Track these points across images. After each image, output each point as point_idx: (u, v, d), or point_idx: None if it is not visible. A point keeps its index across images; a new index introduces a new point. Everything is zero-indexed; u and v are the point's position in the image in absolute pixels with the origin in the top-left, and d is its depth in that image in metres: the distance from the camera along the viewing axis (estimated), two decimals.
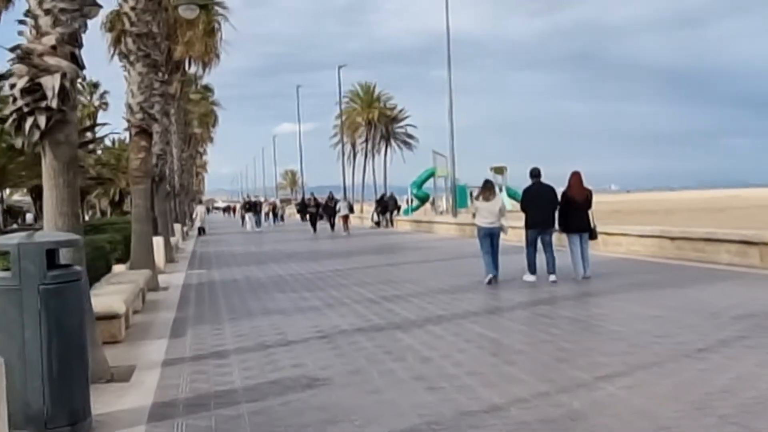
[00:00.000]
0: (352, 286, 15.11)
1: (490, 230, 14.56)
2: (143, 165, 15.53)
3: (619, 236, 20.60)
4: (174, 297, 14.46)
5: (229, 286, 16.13)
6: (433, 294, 13.38)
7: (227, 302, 13.41)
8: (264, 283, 16.31)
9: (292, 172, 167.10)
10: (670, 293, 12.21)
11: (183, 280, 17.57)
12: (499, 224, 14.65)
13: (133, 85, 15.40)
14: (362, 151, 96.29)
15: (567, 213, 14.69)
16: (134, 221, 15.79)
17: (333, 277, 17.04)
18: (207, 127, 65.82)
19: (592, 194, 15.20)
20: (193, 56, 35.20)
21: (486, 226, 14.61)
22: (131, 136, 15.54)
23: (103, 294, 10.27)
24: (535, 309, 11.22)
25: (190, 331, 10.43)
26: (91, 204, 64.17)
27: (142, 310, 12.62)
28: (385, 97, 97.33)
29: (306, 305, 12.60)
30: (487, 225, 14.60)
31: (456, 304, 12.02)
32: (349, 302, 12.75)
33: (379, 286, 14.92)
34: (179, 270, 20.59)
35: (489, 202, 14.73)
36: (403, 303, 12.37)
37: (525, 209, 14.77)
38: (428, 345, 8.78)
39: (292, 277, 17.45)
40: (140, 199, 15.64)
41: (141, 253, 15.59)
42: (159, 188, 23.53)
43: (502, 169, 74.69)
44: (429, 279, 15.81)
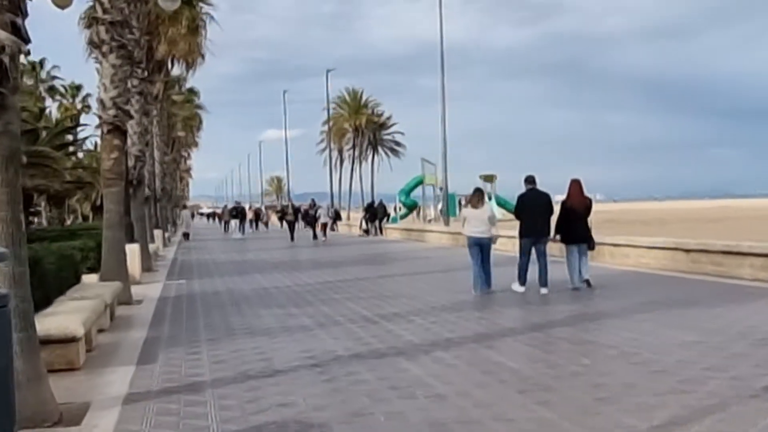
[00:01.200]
0: (344, 301, 13.78)
1: (480, 240, 13.89)
2: (116, 166, 14.16)
3: (627, 248, 19.37)
4: (148, 312, 13.08)
5: (210, 299, 14.76)
6: (436, 312, 12.07)
7: (206, 319, 12.05)
8: (247, 296, 14.95)
9: (278, 178, 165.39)
10: (702, 313, 10.92)
11: (160, 292, 16.19)
12: (489, 233, 13.98)
13: (106, 79, 14.03)
14: (349, 157, 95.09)
15: (566, 223, 14.09)
16: (105, 227, 14.41)
17: (322, 290, 15.69)
18: (191, 130, 64.28)
19: (592, 203, 14.60)
20: (177, 56, 33.78)
21: (475, 235, 13.93)
22: (103, 135, 14.16)
23: (60, 312, 8.91)
24: (554, 331, 9.92)
25: (161, 356, 9.07)
26: (72, 209, 62.59)
27: (109, 328, 11.24)
28: (372, 104, 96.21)
29: (294, 324, 11.26)
30: (477, 234, 13.92)
31: (463, 325, 10.71)
32: (342, 321, 11.41)
33: (374, 301, 13.60)
34: (157, 280, 19.19)
35: (478, 210, 14.07)
36: (403, 323, 11.05)
37: (519, 217, 14.19)
38: (440, 377, 7.46)
39: (278, 289, 16.10)
40: (113, 203, 14.26)
41: (112, 262, 14.22)
42: (137, 192, 22.14)
43: (491, 177, 73.56)
44: (428, 294, 14.50)
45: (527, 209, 14.10)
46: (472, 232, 13.99)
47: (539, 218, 13.97)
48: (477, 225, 14.01)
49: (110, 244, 14.26)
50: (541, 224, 13.99)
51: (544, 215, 14.02)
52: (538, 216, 13.96)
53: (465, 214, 14.42)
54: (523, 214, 14.18)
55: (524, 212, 14.15)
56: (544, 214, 14.03)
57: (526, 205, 14.14)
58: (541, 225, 13.99)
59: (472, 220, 14.06)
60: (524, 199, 14.22)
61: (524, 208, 14.16)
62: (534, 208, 13.98)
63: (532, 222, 14.00)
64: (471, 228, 14.03)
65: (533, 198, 14.08)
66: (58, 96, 65.17)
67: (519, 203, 14.40)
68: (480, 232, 13.95)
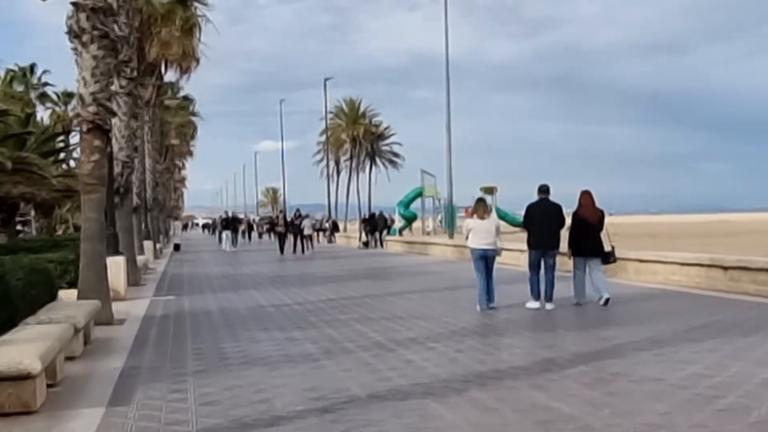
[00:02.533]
0: (351, 322, 12.24)
1: (485, 252, 13.20)
2: (96, 169, 12.62)
3: (655, 263, 17.86)
4: (129, 335, 11.52)
5: (200, 319, 13.21)
6: (458, 337, 10.55)
7: (195, 344, 10.50)
8: (242, 316, 13.41)
9: (274, 189, 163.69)
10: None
11: (145, 310, 14.63)
12: (495, 246, 13.32)
13: (86, 72, 12.50)
14: (346, 168, 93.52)
15: (577, 235, 13.49)
16: (84, 239, 12.86)
17: (326, 309, 14.15)
18: (185, 138, 62.67)
19: (605, 215, 13.84)
20: (170, 59, 32.28)
21: (481, 247, 13.22)
22: (82, 134, 12.63)
23: (17, 341, 7.37)
24: (603, 364, 8.40)
25: (138, 393, 7.52)
26: (63, 218, 60.96)
27: (81, 355, 9.68)
28: (370, 114, 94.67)
29: (297, 351, 9.71)
30: (483, 246, 13.21)
31: (494, 354, 9.20)
32: (352, 348, 9.87)
33: (385, 323, 12.07)
34: (144, 295, 17.63)
35: (484, 220, 13.31)
36: (423, 350, 9.53)
37: (528, 228, 13.61)
38: (483, 428, 5.94)
39: (277, 308, 14.55)
40: (92, 211, 12.71)
41: (91, 278, 12.68)
42: (124, 201, 20.59)
43: (492, 189, 72.07)
44: (445, 314, 12.98)
45: (536, 220, 13.42)
46: (478, 244, 13.22)
47: (548, 230, 13.28)
48: (484, 237, 13.25)
49: (89, 258, 12.71)
50: (549, 236, 13.30)
51: (554, 227, 13.33)
52: (547, 227, 13.27)
53: (470, 226, 13.50)
54: (531, 224, 13.53)
55: (532, 223, 13.48)
56: (553, 225, 13.33)
57: (534, 215, 13.46)
58: (549, 237, 13.31)
59: (479, 232, 13.27)
60: (533, 209, 13.52)
61: (533, 219, 13.49)
62: (544, 219, 13.30)
63: (541, 233, 13.34)
64: (477, 240, 13.24)
65: (543, 208, 13.40)
66: (49, 103, 63.53)
67: (527, 213, 13.67)
68: (487, 244, 13.21)
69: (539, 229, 13.38)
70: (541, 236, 13.37)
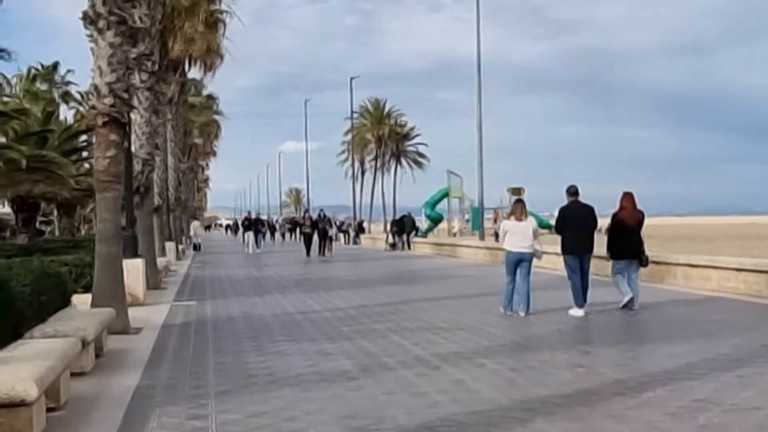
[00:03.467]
0: (388, 333, 11.21)
1: (521, 255, 12.83)
2: (112, 166, 11.67)
3: (708, 269, 16.70)
4: (146, 346, 10.55)
5: (223, 328, 12.23)
6: (509, 351, 9.50)
7: (218, 358, 9.51)
8: (268, 325, 12.42)
9: (297, 190, 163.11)
10: None
11: (165, 318, 13.67)
12: (532, 248, 12.92)
13: (101, 60, 11.56)
14: (371, 169, 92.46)
15: (617, 237, 13.10)
16: (98, 241, 11.91)
17: (358, 317, 13.14)
18: (209, 138, 61.91)
19: (644, 217, 13.43)
20: (194, 55, 31.43)
21: (518, 250, 12.85)
22: (97, 128, 11.70)
23: (13, 360, 6.40)
24: (682, 387, 7.32)
25: (152, 421, 6.53)
26: (87, 218, 60.40)
27: (92, 371, 8.71)
28: (396, 114, 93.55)
29: (330, 368, 8.70)
30: (519, 249, 12.84)
31: (554, 374, 8.12)
32: (392, 364, 8.84)
33: (425, 334, 11.03)
34: (164, 300, 16.68)
35: (522, 222, 12.90)
36: (472, 368, 8.49)
37: (561, 231, 13.12)
38: None
39: (305, 315, 13.55)
40: (108, 211, 11.76)
41: (106, 283, 11.74)
42: (144, 200, 19.69)
43: (519, 190, 70.65)
44: (488, 324, 11.94)
45: (570, 223, 12.98)
46: (515, 246, 12.88)
47: (582, 232, 12.86)
48: (520, 239, 12.88)
49: (104, 261, 11.77)
50: (584, 239, 12.88)
51: (588, 229, 12.92)
52: (581, 230, 12.85)
53: (506, 228, 13.19)
54: (565, 228, 13.04)
55: (567, 226, 13.00)
56: (587, 227, 12.93)
57: (568, 218, 13.06)
58: (584, 240, 12.88)
59: (515, 234, 12.92)
60: (566, 211, 13.16)
61: (567, 222, 13.04)
62: (577, 221, 12.91)
63: (575, 237, 12.88)
64: (513, 242, 12.91)
65: (576, 211, 13.03)
66: (73, 102, 63.04)
67: (560, 216, 13.28)
68: (524, 247, 12.85)
69: (575, 232, 12.90)
70: (577, 240, 12.89)
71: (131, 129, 16.75)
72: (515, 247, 12.88)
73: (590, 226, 12.96)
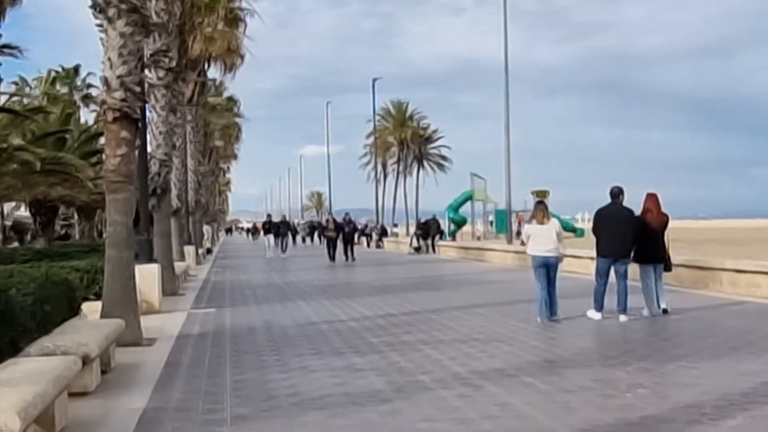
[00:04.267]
0: (420, 345, 10.30)
1: (546, 260, 12.41)
2: (123, 165, 10.84)
3: (758, 275, 15.67)
4: (158, 360, 9.69)
5: (243, 339, 11.36)
6: (557, 368, 8.58)
7: (236, 374, 8.64)
8: (291, 336, 11.54)
9: (319, 193, 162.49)
10: None
11: (181, 327, 12.82)
12: (557, 252, 12.55)
13: (112, 52, 10.73)
14: (393, 172, 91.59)
15: (642, 241, 12.63)
16: (108, 246, 11.07)
17: (387, 327, 12.24)
18: (229, 140, 61.24)
19: (669, 220, 13.13)
20: (213, 54, 30.67)
21: (542, 254, 12.45)
22: (107, 124, 10.88)
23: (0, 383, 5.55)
24: (766, 414, 6.37)
25: None
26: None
27: (96, 390, 7.86)
28: (418, 116, 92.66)
29: (361, 387, 7.80)
30: (543, 254, 12.45)
31: (615, 397, 7.18)
32: (428, 383, 7.94)
33: (460, 347, 10.11)
34: (181, 308, 15.86)
35: (544, 225, 12.52)
36: (519, 388, 7.56)
37: (597, 234, 12.78)
38: None
39: (330, 325, 12.66)
40: (119, 214, 10.93)
41: (116, 291, 10.90)
42: (161, 203, 18.90)
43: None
44: (529, 336, 11.02)
45: (606, 226, 12.58)
46: (538, 251, 12.48)
47: (619, 236, 12.44)
48: (544, 243, 12.48)
49: (114, 267, 10.92)
50: (620, 243, 12.46)
51: (626, 233, 12.46)
52: (618, 234, 12.43)
53: (529, 232, 12.80)
54: (600, 230, 12.66)
55: (602, 229, 12.63)
56: (625, 231, 12.46)
57: (604, 220, 12.66)
58: (620, 244, 12.46)
59: (538, 238, 12.53)
60: (603, 214, 12.75)
61: (602, 225, 12.65)
62: (614, 224, 12.47)
63: (611, 240, 12.45)
64: (537, 246, 12.52)
65: (613, 213, 12.57)
66: (93, 105, 62.60)
67: (597, 219, 12.89)
68: (547, 251, 12.45)
69: (610, 235, 12.50)
70: (611, 243, 12.48)
71: (146, 127, 15.98)
72: (539, 252, 12.49)
73: (626, 230, 12.49)
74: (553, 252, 12.47)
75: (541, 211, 12.77)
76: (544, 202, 13.46)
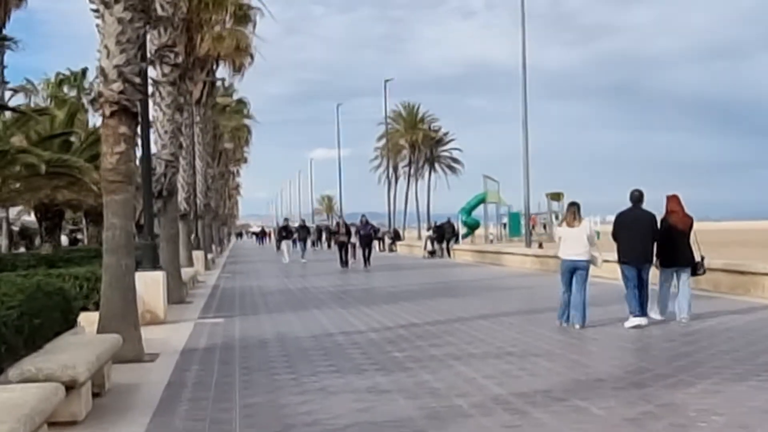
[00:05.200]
0: (450, 361, 9.30)
1: (576, 263, 11.96)
2: (122, 164, 9.87)
3: None
4: (160, 380, 8.70)
5: (254, 354, 10.37)
6: (609, 389, 7.55)
7: (246, 398, 7.64)
8: (306, 350, 10.54)
9: (329, 197, 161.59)
10: None
11: (186, 339, 11.85)
12: (588, 256, 12.05)
13: (109, 39, 9.77)
14: (404, 174, 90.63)
15: (666, 244, 12.20)
16: (106, 252, 10.09)
17: (411, 338, 11.24)
18: (239, 143, 60.30)
19: (693, 222, 12.56)
20: (222, 54, 29.83)
21: (571, 258, 12.02)
22: (104, 119, 9.92)
23: None
24: None
25: None
26: None
27: (86, 419, 6.87)
28: (429, 119, 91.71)
29: (388, 414, 6.81)
30: (573, 257, 12.01)
31: (685, 427, 6.16)
32: (466, 407, 6.93)
33: (495, 363, 9.11)
34: (188, 317, 14.89)
35: (574, 228, 12.10)
36: (571, 414, 6.56)
37: (617, 239, 12.38)
38: None
39: (347, 337, 11.67)
40: (117, 217, 9.96)
41: (115, 301, 9.93)
42: (167, 206, 17.94)
43: (558, 196, 68.37)
44: (568, 349, 10.08)
45: (626, 230, 12.20)
46: (568, 254, 12.09)
47: (640, 241, 12.08)
48: (574, 246, 12.06)
49: (112, 276, 9.95)
50: (642, 248, 12.10)
51: (646, 238, 12.13)
52: (639, 239, 12.08)
53: (560, 234, 12.52)
54: (621, 235, 12.27)
55: (622, 233, 12.23)
56: (647, 236, 12.13)
57: (624, 225, 12.29)
58: (642, 249, 12.10)
59: (568, 241, 12.15)
60: (623, 218, 12.41)
61: (623, 230, 12.26)
62: (634, 229, 12.11)
63: (631, 245, 12.08)
64: (567, 250, 12.13)
65: (634, 218, 12.21)
66: None
67: (617, 223, 12.54)
68: (577, 255, 12.01)
69: (629, 240, 12.14)
70: (633, 249, 12.11)
71: (149, 125, 15.03)
72: (569, 255, 12.07)
73: (648, 234, 12.14)
74: (584, 256, 11.99)
75: (573, 213, 12.26)
76: (576, 204, 12.81)
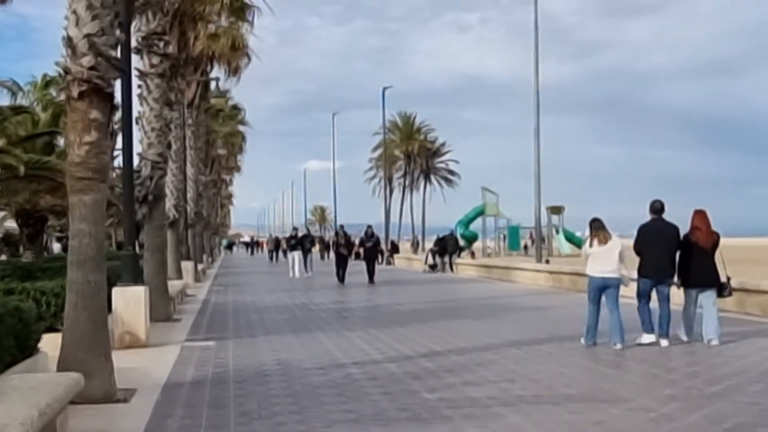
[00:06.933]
0: (498, 408, 7.46)
1: (606, 281, 11.56)
2: (93, 156, 8.02)
3: None
4: (133, 430, 6.84)
5: (252, 392, 8.49)
6: None
7: None
8: (317, 388, 8.65)
9: (322, 208, 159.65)
10: None
11: (170, 370, 9.97)
12: (618, 273, 11.54)
13: (78, 2, 7.97)
14: (399, 186, 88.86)
15: (689, 262, 11.74)
16: (71, 265, 8.18)
17: (438, 372, 9.39)
18: (233, 150, 58.39)
19: (719, 239, 11.99)
20: (217, 53, 28.09)
21: (602, 275, 11.57)
22: (72, 101, 8.08)
23: None
24: None
25: None
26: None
27: None
28: (425, 130, 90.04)
29: None
30: (604, 274, 11.56)
31: None
32: None
33: (555, 412, 7.27)
34: (174, 339, 13.02)
35: (605, 245, 11.58)
36: None
37: (640, 252, 11.93)
38: None
39: (362, 369, 9.81)
40: (85, 221, 8.10)
41: (81, 325, 8.04)
42: (153, 212, 16.06)
43: (559, 209, 67.07)
44: (637, 391, 8.20)
45: (650, 243, 11.75)
46: (598, 271, 11.63)
47: (663, 255, 11.73)
48: (604, 263, 11.56)
49: (78, 294, 8.06)
50: (665, 262, 11.74)
51: (671, 252, 11.77)
52: (662, 252, 11.73)
53: (589, 251, 11.82)
54: (644, 249, 11.82)
55: (646, 247, 11.78)
56: (671, 249, 11.76)
57: (648, 238, 11.83)
58: (665, 263, 11.74)
59: (598, 258, 11.65)
60: (646, 230, 11.94)
61: (646, 243, 11.81)
62: (659, 242, 11.71)
63: (655, 259, 11.69)
64: (597, 267, 11.66)
65: (658, 230, 11.80)
66: None
67: (640, 235, 12.02)
68: (608, 272, 11.54)
69: (653, 254, 11.69)
70: (655, 263, 11.69)
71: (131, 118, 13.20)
72: (598, 272, 11.61)
73: (672, 247, 11.77)
74: (615, 273, 11.53)
75: (601, 230, 11.67)
76: (599, 220, 11.89)
